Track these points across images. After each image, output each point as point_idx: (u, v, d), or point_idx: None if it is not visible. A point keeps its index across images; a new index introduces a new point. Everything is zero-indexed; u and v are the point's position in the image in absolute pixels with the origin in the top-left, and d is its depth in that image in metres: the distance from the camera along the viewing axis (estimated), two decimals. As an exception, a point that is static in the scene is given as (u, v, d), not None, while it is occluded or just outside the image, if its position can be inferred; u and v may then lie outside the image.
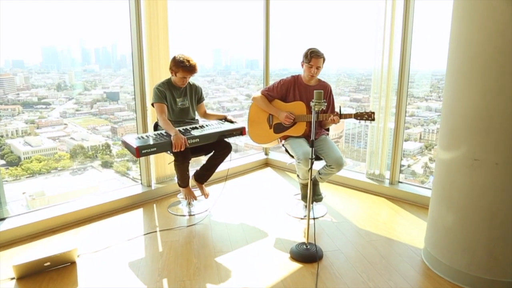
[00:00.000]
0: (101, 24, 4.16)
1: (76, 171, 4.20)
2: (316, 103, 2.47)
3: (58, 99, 4.26)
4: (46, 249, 2.72)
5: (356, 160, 4.95)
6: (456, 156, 2.29)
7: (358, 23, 4.58)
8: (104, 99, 4.54)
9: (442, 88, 4.67)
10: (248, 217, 3.26)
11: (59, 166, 4.12)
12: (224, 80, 5.51)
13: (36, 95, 4.16)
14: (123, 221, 3.20)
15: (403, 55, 3.39)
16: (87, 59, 4.56)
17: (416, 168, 4.53)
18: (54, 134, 4.15)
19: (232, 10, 4.98)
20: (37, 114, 4.13)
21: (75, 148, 4.23)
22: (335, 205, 3.51)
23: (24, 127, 4.04)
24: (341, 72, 5.32)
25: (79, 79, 4.46)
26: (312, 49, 3.02)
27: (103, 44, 4.63)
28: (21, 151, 3.90)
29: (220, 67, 5.52)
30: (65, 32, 4.07)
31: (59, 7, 3.78)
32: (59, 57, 4.34)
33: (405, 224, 3.12)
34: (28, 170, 3.90)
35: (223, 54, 5.51)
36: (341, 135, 5.23)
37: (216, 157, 3.26)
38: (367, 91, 5.32)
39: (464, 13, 2.19)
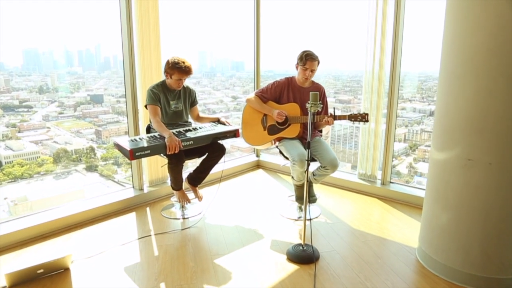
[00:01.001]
0: (84, 26, 4.11)
1: (60, 175, 4.13)
2: (312, 105, 2.48)
3: (40, 102, 4.18)
4: (38, 256, 2.66)
5: (342, 160, 5.00)
6: (450, 157, 2.33)
7: (346, 25, 4.64)
8: (87, 101, 4.48)
9: (426, 89, 4.79)
10: (243, 219, 3.26)
11: (42, 171, 4.04)
12: (209, 82, 5.51)
13: (17, 98, 4.07)
14: (116, 226, 3.15)
15: (394, 57, 3.44)
16: (70, 61, 4.50)
17: (400, 168, 4.61)
18: (36, 138, 4.07)
19: (217, 12, 4.98)
20: (19, 117, 4.04)
21: (59, 151, 4.16)
22: (328, 206, 3.53)
23: (5, 131, 3.96)
24: (327, 73, 5.38)
25: (62, 81, 4.39)
26: (307, 52, 3.04)
27: (86, 46, 4.57)
28: (2, 155, 3.82)
29: (205, 69, 5.52)
30: (47, 34, 4.02)
31: (40, 8, 3.71)
32: (40, 60, 4.27)
33: (398, 224, 3.17)
34: (9, 175, 3.82)
35: (209, 56, 5.51)
36: (327, 136, 5.28)
37: (210, 160, 3.24)
38: (353, 92, 5.40)
39: (458, 16, 2.24)
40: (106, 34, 4.41)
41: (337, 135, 5.18)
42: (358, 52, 3.79)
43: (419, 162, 4.60)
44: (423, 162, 4.53)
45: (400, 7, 3.34)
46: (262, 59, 4.62)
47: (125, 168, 4.41)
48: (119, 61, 4.71)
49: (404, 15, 3.38)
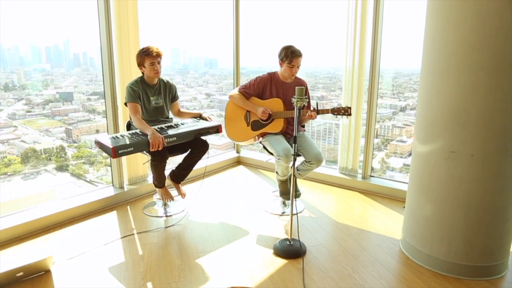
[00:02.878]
0: (52, 21, 3.95)
1: (29, 175, 3.97)
2: (298, 99, 2.49)
3: (6, 100, 4.00)
4: (16, 259, 2.53)
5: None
6: (433, 149, 2.40)
7: (324, 22, 4.67)
8: (57, 99, 4.32)
9: (397, 86, 4.90)
10: (227, 216, 3.23)
11: (9, 171, 3.86)
12: (183, 79, 5.44)
13: None
14: (97, 225, 3.05)
15: (373, 53, 3.50)
16: (38, 57, 4.32)
17: (373, 164, 4.71)
18: (2, 137, 3.90)
19: (191, 9, 4.90)
20: None
21: (27, 151, 4.00)
22: (311, 201, 3.56)
23: None
24: (300, 71, 5.41)
25: (29, 78, 4.22)
26: (292, 49, 3.02)
27: (54, 42, 4.40)
28: None
29: (178, 66, 5.44)
30: (11, 29, 3.81)
31: (4, 2, 3.54)
32: (5, 56, 4.07)
33: (380, 217, 3.23)
34: None
35: (182, 53, 5.43)
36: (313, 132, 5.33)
37: (193, 156, 3.19)
38: (325, 89, 5.47)
39: (439, 12, 2.29)
40: (76, 30, 4.25)
41: (316, 130, 5.23)
42: (337, 48, 3.83)
43: (391, 157, 4.71)
44: (395, 157, 4.64)
45: (379, 5, 3.39)
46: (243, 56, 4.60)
47: (97, 167, 4.29)
48: (89, 58, 4.58)
49: (383, 12, 3.44)
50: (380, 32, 3.46)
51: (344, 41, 3.66)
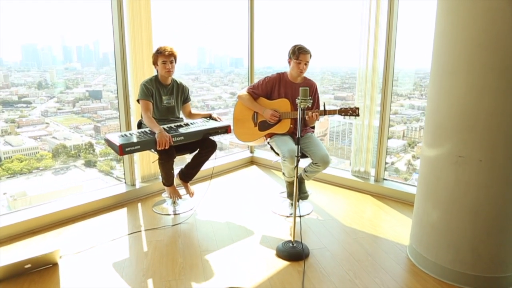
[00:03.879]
0: (83, 22, 4.07)
1: (59, 170, 4.12)
2: (302, 100, 2.46)
3: (39, 97, 4.17)
4: (27, 251, 2.64)
5: (341, 157, 4.98)
6: (441, 153, 2.31)
7: (343, 21, 4.59)
8: (86, 97, 4.46)
9: (425, 86, 4.75)
10: (234, 216, 3.24)
11: (41, 166, 4.03)
12: (208, 78, 5.48)
13: (16, 93, 4.07)
14: (107, 221, 3.13)
15: (387, 53, 3.41)
16: (69, 57, 4.48)
17: (399, 166, 4.59)
18: (35, 134, 4.06)
19: (216, 8, 4.93)
20: (18, 113, 4.03)
21: (58, 147, 4.15)
22: (320, 203, 3.51)
23: (4, 126, 3.95)
24: (325, 70, 5.34)
25: (60, 77, 4.37)
26: (299, 45, 3.02)
27: (85, 42, 4.55)
28: (1, 150, 3.82)
29: (204, 65, 5.49)
30: (45, 30, 4.00)
31: (38, 4, 3.70)
32: (39, 55, 4.25)
33: (390, 221, 3.15)
34: (9, 170, 3.82)
35: (207, 52, 5.47)
36: (326, 133, 5.25)
37: (201, 156, 3.22)
38: (351, 89, 5.36)
39: (448, 12, 2.20)
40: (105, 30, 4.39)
41: (335, 131, 5.15)
42: (352, 48, 3.76)
43: (417, 159, 4.58)
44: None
45: (393, 3, 3.30)
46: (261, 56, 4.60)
47: (123, 164, 4.41)
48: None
49: (398, 10, 3.34)
50: (394, 30, 3.37)
51: (359, 39, 3.57)
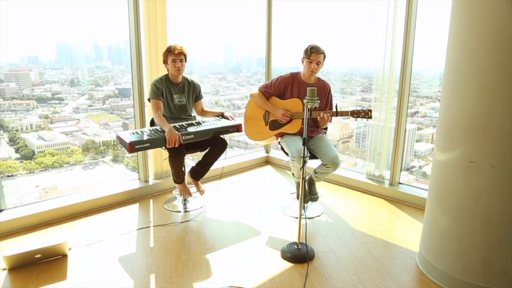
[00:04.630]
0: (114, 21, 4.18)
1: (88, 165, 4.26)
2: (309, 100, 2.42)
3: (71, 94, 4.33)
4: (39, 242, 2.74)
5: (371, 159, 4.86)
6: (451, 158, 2.22)
7: (369, 21, 4.51)
8: (116, 95, 4.58)
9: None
10: (243, 215, 3.24)
11: (71, 161, 4.18)
12: (235, 77, 5.50)
13: (50, 90, 4.23)
14: (119, 216, 3.20)
15: (405, 52, 3.31)
16: (100, 55, 4.62)
17: (427, 170, 4.44)
18: (67, 129, 4.23)
19: (243, 7, 4.94)
20: (51, 109, 4.20)
21: (87, 143, 4.29)
22: (332, 205, 3.45)
23: (38, 121, 4.12)
24: (352, 71, 5.26)
25: (91, 75, 4.51)
26: (312, 45, 2.99)
27: (115, 41, 4.68)
28: (35, 145, 3.98)
29: (231, 64, 5.52)
30: (78, 29, 4.15)
31: (72, 4, 3.84)
32: (72, 54, 4.41)
33: (402, 226, 3.05)
34: (41, 164, 3.97)
35: (234, 52, 5.50)
36: (352, 135, 5.15)
37: (211, 154, 3.24)
38: (378, 90, 5.24)
39: (462, 10, 2.11)
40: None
41: (362, 132, 5.04)
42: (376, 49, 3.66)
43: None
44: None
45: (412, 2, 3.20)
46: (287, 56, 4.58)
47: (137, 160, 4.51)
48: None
49: (417, 10, 3.24)
50: (413, 31, 3.26)
51: (386, 40, 3.47)
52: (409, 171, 4.43)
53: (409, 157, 4.54)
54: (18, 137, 3.98)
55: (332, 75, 5.22)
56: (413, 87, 4.80)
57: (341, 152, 5.03)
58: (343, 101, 5.10)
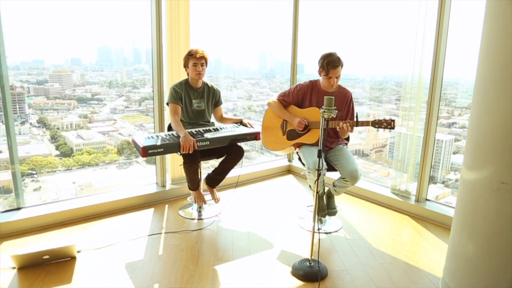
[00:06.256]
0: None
1: (122, 165, 4.34)
2: (325, 110, 2.29)
3: (110, 95, 4.43)
4: (51, 242, 2.76)
5: (399, 171, 4.66)
6: (480, 178, 2.01)
7: (403, 28, 4.34)
8: (151, 97, 4.66)
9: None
10: (257, 226, 3.13)
11: (107, 160, 4.27)
12: (268, 83, 5.46)
13: (90, 91, 4.36)
14: (133, 220, 3.19)
15: (436, 60, 3.10)
16: (138, 58, 4.71)
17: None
18: (104, 129, 4.33)
19: (278, 14, 4.89)
20: (90, 109, 4.32)
21: (122, 143, 4.37)
22: (351, 220, 3.27)
23: (78, 121, 4.25)
24: (388, 79, 5.06)
25: (130, 77, 4.60)
26: (328, 59, 2.80)
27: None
28: (74, 143, 4.10)
29: (265, 70, 5.49)
30: (118, 33, 4.27)
31: (114, 9, 3.96)
32: (112, 56, 4.52)
33: (426, 248, 2.83)
34: (79, 162, 4.08)
35: (269, 58, 5.46)
36: (385, 144, 4.94)
37: (227, 162, 3.16)
38: (414, 99, 5.01)
39: (495, 15, 1.92)
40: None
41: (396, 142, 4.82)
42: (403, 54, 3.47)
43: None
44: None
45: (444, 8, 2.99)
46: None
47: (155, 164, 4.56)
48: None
49: (449, 13, 3.02)
50: (444, 35, 3.05)
51: (416, 47, 3.27)
52: (444, 184, 4.20)
53: (445, 170, 4.31)
54: (59, 135, 4.11)
55: (366, 82, 5.05)
56: (451, 97, 4.54)
57: (374, 161, 4.84)
58: (377, 110, 4.92)
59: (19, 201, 3.05)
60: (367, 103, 5.05)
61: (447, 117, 4.49)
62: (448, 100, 4.50)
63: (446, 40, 3.09)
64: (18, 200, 3.04)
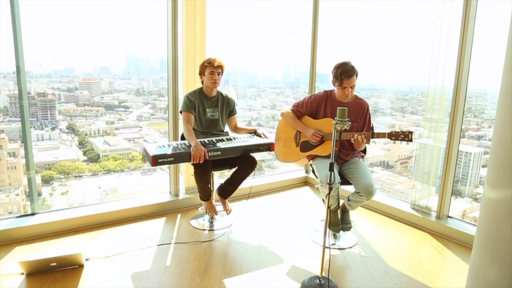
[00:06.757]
0: None
1: (146, 171, 4.40)
2: (338, 122, 2.20)
3: (136, 103, 4.51)
4: (62, 249, 2.77)
5: (426, 183, 4.49)
6: (504, 197, 1.86)
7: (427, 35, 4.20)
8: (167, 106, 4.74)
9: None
10: (269, 239, 3.04)
11: (132, 166, 4.33)
12: (293, 93, 5.45)
13: (117, 98, 4.48)
14: (144, 229, 3.17)
15: (459, 70, 2.95)
16: (164, 67, 4.78)
17: None
18: (129, 136, 4.42)
19: (303, 22, 4.89)
20: (117, 116, 4.43)
21: None
22: (368, 236, 3.13)
23: (105, 127, 4.37)
24: (414, 89, 4.92)
25: (156, 85, 4.67)
26: (342, 68, 2.71)
27: None
28: (101, 149, 4.22)
29: (289, 79, 5.48)
30: (146, 42, 4.36)
31: (142, 19, 4.08)
32: (139, 65, 4.61)
33: (446, 268, 2.66)
34: (104, 167, 4.16)
35: (293, 67, 5.46)
36: (411, 156, 4.78)
37: (240, 173, 3.10)
38: (443, 110, 4.84)
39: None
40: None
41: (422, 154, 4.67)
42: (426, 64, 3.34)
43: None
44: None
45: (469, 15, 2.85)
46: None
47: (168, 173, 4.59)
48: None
49: (474, 22, 2.88)
50: (469, 44, 2.91)
51: (445, 57, 3.12)
52: (473, 198, 4.04)
53: (473, 183, 4.14)
54: (87, 140, 4.24)
55: (391, 92, 4.93)
56: (480, 108, 4.34)
57: (399, 173, 4.70)
58: (403, 121, 4.79)
59: (33, 206, 3.09)
60: (392, 114, 4.93)
61: (476, 129, 4.29)
62: (478, 111, 4.31)
63: (471, 48, 2.94)
64: (32, 205, 3.08)
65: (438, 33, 3.06)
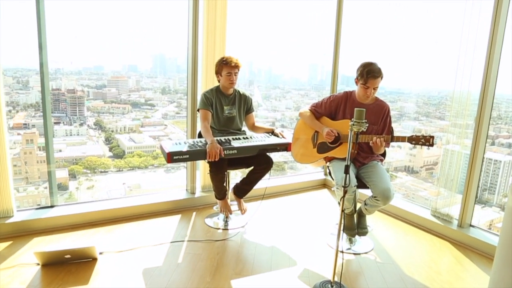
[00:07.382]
0: None
1: (170, 169, 4.46)
2: (355, 123, 2.14)
3: (162, 101, 4.59)
4: (78, 242, 2.83)
5: (450, 190, 4.36)
6: (529, 206, 1.76)
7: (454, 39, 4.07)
8: None
9: None
10: (283, 240, 3.00)
11: (156, 163, 4.41)
12: (318, 94, 5.42)
13: (143, 96, 4.56)
14: (158, 225, 3.19)
15: (486, 74, 2.83)
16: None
17: None
18: (154, 133, 4.49)
19: (330, 25, 4.88)
20: (143, 114, 4.52)
21: None
22: (385, 241, 3.04)
23: (131, 124, 4.45)
24: (443, 95, 4.78)
25: (182, 84, 4.74)
26: (369, 68, 2.63)
27: None
28: (126, 146, 4.30)
29: (315, 81, 5.46)
30: (173, 41, 4.42)
31: (169, 18, 4.16)
32: (166, 64, 4.69)
33: (465, 279, 2.55)
34: (129, 164, 4.25)
35: (319, 69, 5.43)
36: (437, 162, 4.64)
37: (255, 172, 3.08)
38: (472, 116, 4.67)
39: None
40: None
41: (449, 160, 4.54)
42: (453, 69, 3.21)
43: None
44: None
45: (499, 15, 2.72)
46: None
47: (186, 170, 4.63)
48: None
49: (505, 23, 2.75)
50: (498, 47, 2.78)
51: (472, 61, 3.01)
52: (501, 208, 3.86)
53: (502, 192, 3.95)
54: (113, 137, 4.32)
55: (419, 97, 4.81)
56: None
57: (424, 179, 4.57)
58: (429, 126, 4.66)
59: (52, 199, 3.16)
60: (419, 119, 4.80)
61: (507, 136, 4.12)
62: (509, 118, 4.13)
63: (500, 50, 2.81)
64: (52, 198, 3.16)
65: (466, 34, 2.94)
